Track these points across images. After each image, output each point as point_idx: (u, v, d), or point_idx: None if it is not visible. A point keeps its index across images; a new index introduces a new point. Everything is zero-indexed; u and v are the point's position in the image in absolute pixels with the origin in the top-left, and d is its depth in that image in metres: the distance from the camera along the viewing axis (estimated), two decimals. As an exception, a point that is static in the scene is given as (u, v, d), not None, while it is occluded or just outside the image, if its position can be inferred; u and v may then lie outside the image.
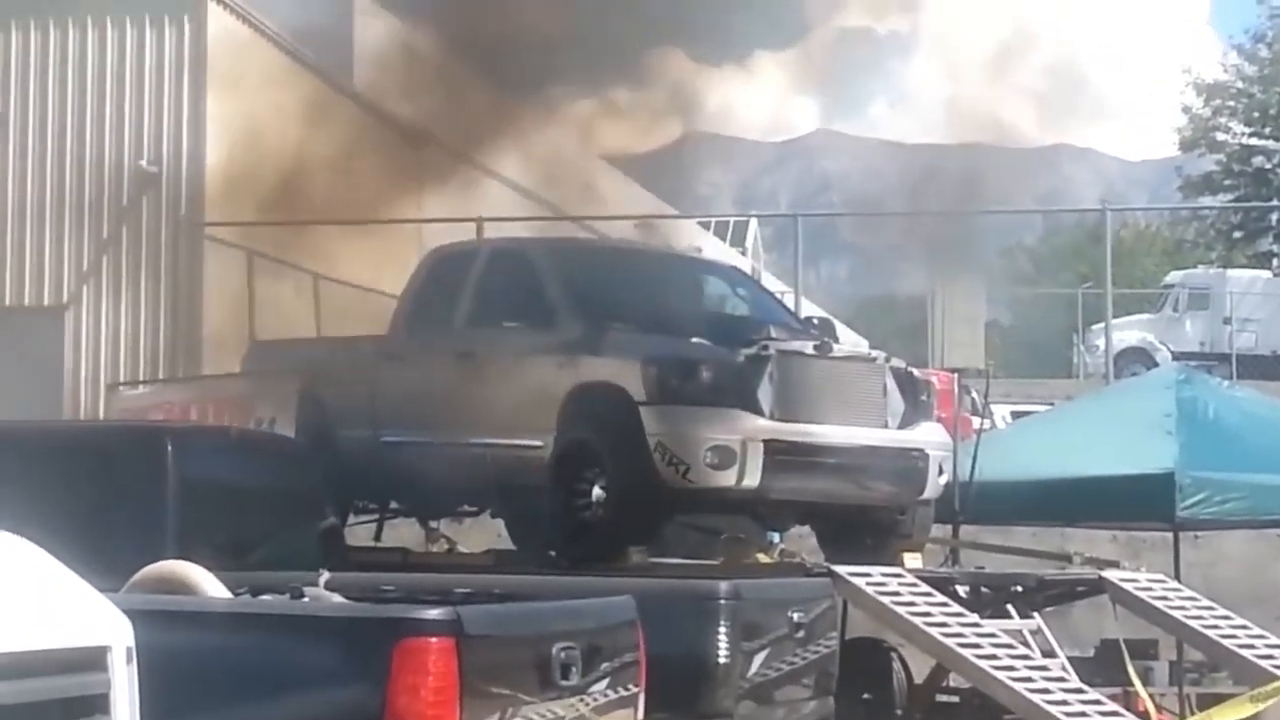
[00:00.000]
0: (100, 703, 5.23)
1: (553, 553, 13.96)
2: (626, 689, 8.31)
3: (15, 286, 24.92)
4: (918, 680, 14.69)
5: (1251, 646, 13.60)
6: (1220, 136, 59.60)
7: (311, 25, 30.29)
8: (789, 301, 21.73)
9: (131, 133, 24.88)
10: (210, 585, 8.16)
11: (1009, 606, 13.98)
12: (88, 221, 24.80)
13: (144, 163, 24.69)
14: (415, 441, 14.61)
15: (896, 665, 14.53)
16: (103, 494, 10.58)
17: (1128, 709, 12.63)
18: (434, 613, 7.12)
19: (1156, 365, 34.26)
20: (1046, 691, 11.84)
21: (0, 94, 25.10)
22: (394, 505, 16.18)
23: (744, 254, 53.92)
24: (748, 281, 17.69)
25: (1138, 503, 15.23)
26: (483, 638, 7.11)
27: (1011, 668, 12.04)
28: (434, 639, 6.93)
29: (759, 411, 12.92)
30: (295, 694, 7.06)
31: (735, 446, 12.74)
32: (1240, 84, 59.75)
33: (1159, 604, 14.09)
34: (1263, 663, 13.32)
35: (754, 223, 60.23)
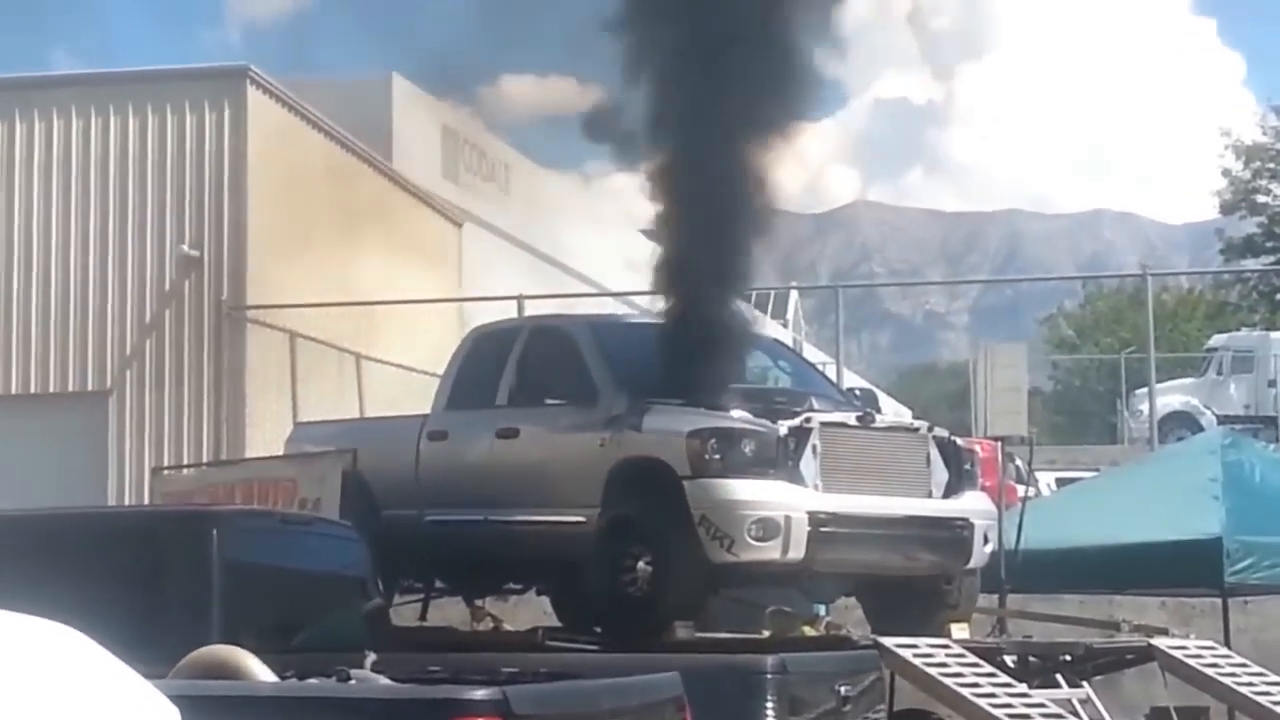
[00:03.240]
0: (150, 789, 5.23)
1: (598, 629, 13.94)
2: (675, 766, 8.27)
3: (59, 372, 25.06)
4: (968, 751, 14.59)
5: (1304, 712, 13.48)
6: (1260, 199, 59.52)
7: (351, 109, 30.54)
8: (831, 373, 21.72)
9: (173, 217, 25.04)
10: (256, 669, 8.16)
11: (1057, 676, 13.90)
12: (130, 306, 24.95)
13: (186, 247, 24.84)
14: (459, 519, 14.63)
15: (946, 737, 14.45)
16: (148, 579, 10.60)
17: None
18: (481, 693, 7.11)
19: (1201, 429, 34.06)
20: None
21: (43, 179, 25.29)
22: (439, 584, 16.19)
23: (785, 326, 53.96)
24: (789, 354, 17.71)
25: (1185, 569, 15.15)
26: (530, 717, 7.10)
27: (1062, 737, 11.96)
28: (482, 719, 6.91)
29: (803, 484, 12.92)
30: (343, 777, 7.06)
31: (779, 519, 12.73)
32: (1279, 146, 59.68)
33: (1209, 671, 13.99)
34: (1315, 728, 13.20)
35: (794, 294, 60.33)
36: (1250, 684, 13.88)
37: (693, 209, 13.77)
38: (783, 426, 13.03)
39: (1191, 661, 14.11)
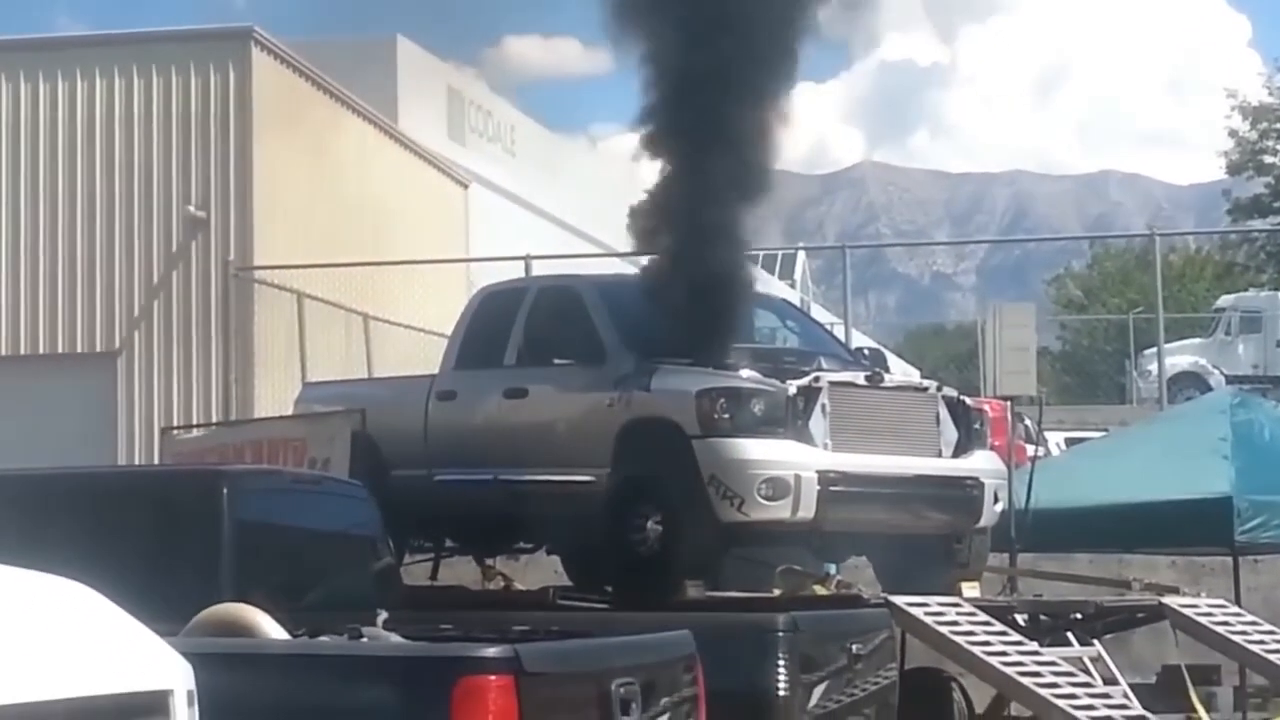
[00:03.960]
0: (163, 746, 5.23)
1: (609, 588, 13.95)
2: (686, 724, 8.27)
3: (68, 333, 25.05)
4: (978, 710, 14.62)
5: (1314, 670, 13.49)
6: (1268, 159, 59.42)
7: (356, 70, 30.50)
8: (839, 333, 21.69)
9: (179, 178, 25.01)
10: (268, 627, 8.16)
11: (1068, 634, 13.91)
12: (138, 267, 24.94)
13: (192, 207, 24.82)
14: (469, 479, 14.64)
15: (956, 695, 14.47)
16: (159, 538, 10.59)
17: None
18: (492, 651, 7.10)
19: (1210, 389, 34.05)
20: (1109, 719, 11.77)
21: (49, 140, 25.26)
22: (449, 543, 16.21)
23: (792, 286, 53.94)
24: (797, 314, 17.69)
25: (1196, 527, 15.16)
26: (542, 675, 7.09)
27: (1073, 696, 11.97)
28: (493, 677, 6.90)
29: (812, 443, 12.92)
30: (356, 734, 7.05)
31: (789, 478, 12.73)
32: (1286, 106, 59.58)
33: (1220, 629, 14.00)
34: (1326, 686, 13.21)
35: (802, 255, 60.31)
36: (1261, 642, 13.89)
37: (695, 167, 13.72)
38: (791, 386, 13.02)
39: (1202, 620, 14.11)
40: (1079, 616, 14.14)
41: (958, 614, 12.71)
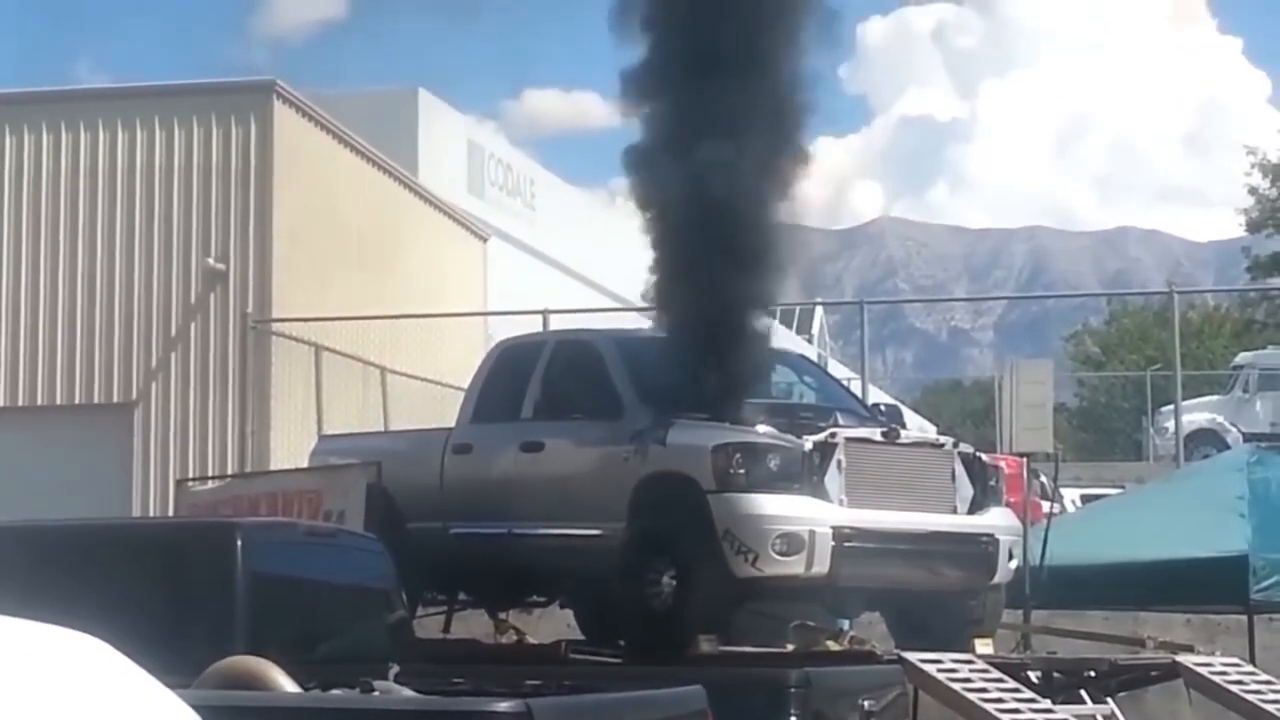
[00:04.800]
0: (173, 799, 5.23)
1: (622, 642, 13.94)
2: (698, 779, 8.26)
3: (85, 384, 25.12)
4: (992, 767, 14.54)
5: (1329, 730, 13.42)
6: (1287, 217, 59.43)
7: (377, 123, 30.64)
8: (856, 388, 21.70)
9: (199, 230, 25.11)
10: (281, 680, 8.17)
11: (1082, 692, 13.88)
12: (156, 318, 25.01)
13: (212, 260, 24.91)
14: (484, 532, 14.65)
15: (970, 753, 14.40)
16: (172, 590, 10.61)
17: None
18: (505, 705, 7.10)
19: (1227, 447, 33.97)
20: (1122, 778, 11.73)
21: (70, 191, 25.37)
22: (463, 596, 16.21)
23: (810, 342, 53.93)
24: (814, 369, 17.70)
25: (1211, 586, 15.11)
26: (554, 729, 7.09)
27: (1086, 754, 11.92)
28: (505, 731, 6.91)
29: (827, 499, 12.92)
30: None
31: (804, 534, 12.73)
32: (1306, 164, 59.63)
33: (1234, 688, 13.94)
34: (1341, 746, 13.14)
35: (819, 310, 60.30)
36: (1276, 701, 13.81)
37: (713, 225, 13.72)
38: (808, 442, 13.03)
39: (1217, 678, 14.06)
40: (1093, 674, 14.10)
41: (971, 671, 12.67)
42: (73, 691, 5.07)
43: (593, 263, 40.47)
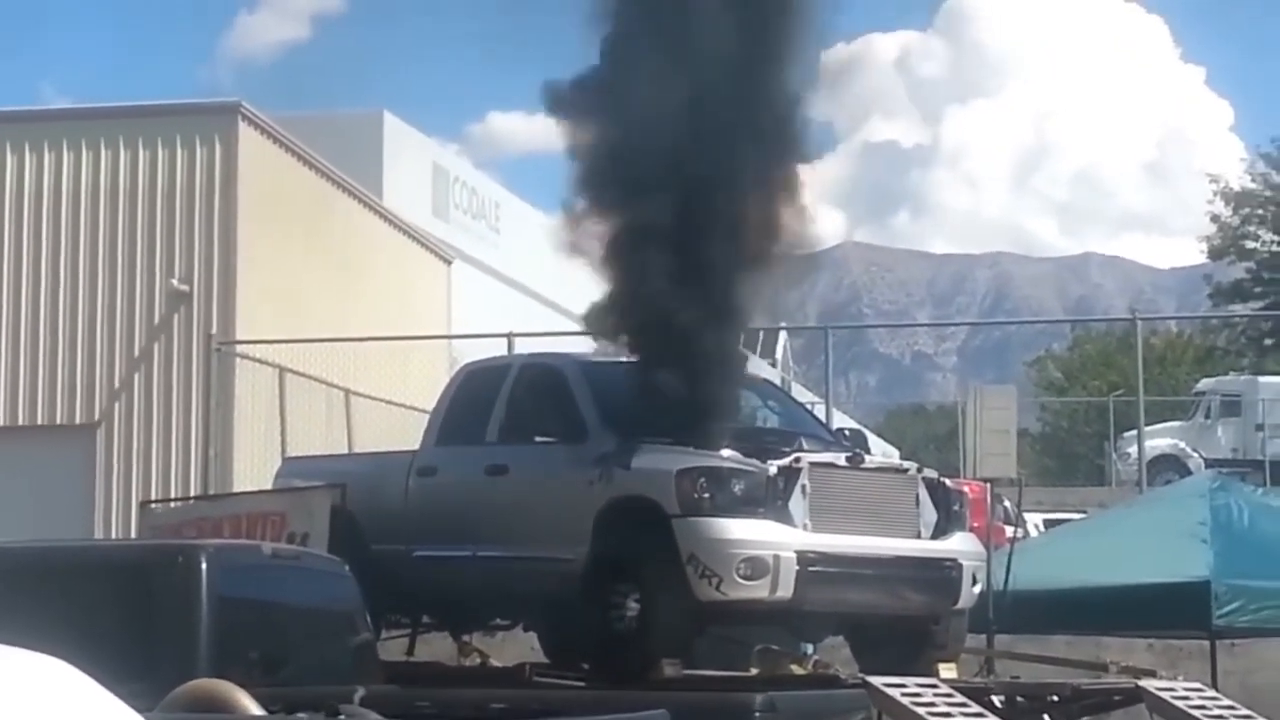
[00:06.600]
0: (138, 822, 5.22)
1: (586, 666, 13.93)
2: (662, 804, 8.27)
3: (48, 405, 25.06)
4: (954, 792, 14.56)
5: (1291, 755, 13.47)
6: (1249, 244, 59.73)
7: (342, 145, 30.63)
8: (820, 413, 21.73)
9: (163, 251, 25.07)
10: (245, 703, 8.16)
11: (1045, 717, 13.89)
12: (120, 340, 24.97)
13: (175, 281, 24.87)
14: (447, 555, 14.62)
15: (933, 777, 14.41)
16: (136, 613, 10.58)
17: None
18: (469, 728, 7.11)
19: (1189, 472, 34.13)
20: (1085, 803, 11.75)
21: (34, 212, 25.32)
22: (426, 619, 16.18)
23: (774, 366, 54.00)
24: (779, 393, 17.72)
25: (1173, 611, 15.15)
26: (518, 753, 7.10)
27: (1049, 779, 11.94)
28: (469, 755, 6.91)
29: (791, 523, 12.92)
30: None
31: (768, 558, 12.73)
32: (1268, 192, 59.93)
33: (1196, 713, 13.96)
34: (1303, 772, 13.19)
35: (783, 334, 60.35)
36: (1237, 727, 13.86)
37: (683, 247, 13.73)
38: (772, 466, 13.04)
39: (1179, 704, 14.08)
40: (1056, 699, 14.11)
41: (934, 695, 12.68)
42: (37, 714, 5.06)
43: (557, 286, 40.47)
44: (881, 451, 26.28)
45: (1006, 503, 21.95)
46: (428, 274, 32.83)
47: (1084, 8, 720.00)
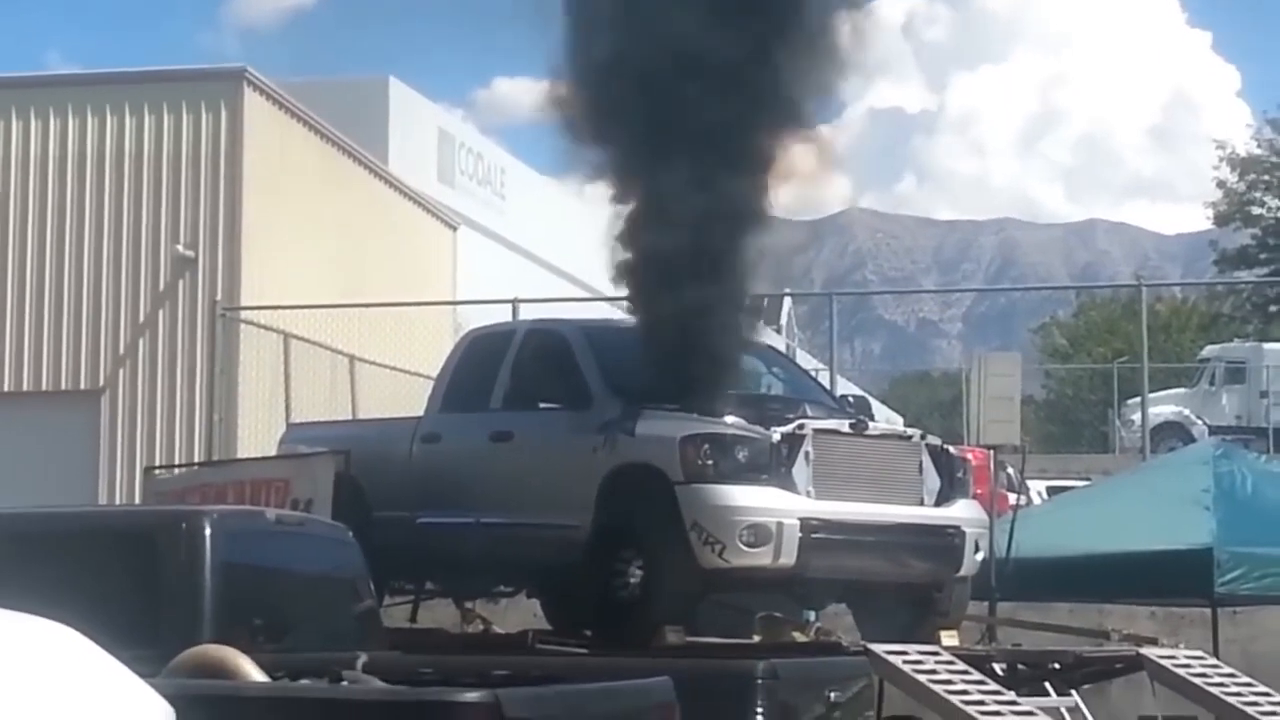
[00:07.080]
0: (141, 787, 5.26)
1: (589, 633, 13.96)
2: (664, 769, 8.29)
3: (52, 370, 25.07)
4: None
5: (1292, 723, 13.49)
6: (1255, 210, 59.64)
7: (347, 111, 30.59)
8: (824, 379, 21.73)
9: (168, 217, 25.06)
10: (249, 669, 8.18)
11: (1046, 684, 13.93)
12: (125, 305, 24.97)
13: (180, 247, 24.87)
14: (451, 522, 14.64)
15: (934, 744, 14.46)
16: (140, 579, 10.59)
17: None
18: (472, 695, 7.13)
19: (1193, 439, 34.13)
20: (1086, 770, 11.78)
21: (39, 178, 25.31)
22: (430, 586, 16.21)
23: (778, 332, 53.95)
24: (783, 360, 17.73)
25: (1176, 579, 15.16)
26: (521, 720, 7.12)
27: (1051, 746, 11.96)
28: (472, 721, 6.93)
29: (795, 490, 12.94)
30: (334, 777, 7.07)
31: (771, 525, 12.75)
32: (1275, 158, 59.82)
33: (1198, 680, 14.01)
34: (1304, 739, 13.22)
35: (787, 301, 60.28)
36: (1239, 694, 13.88)
37: (687, 211, 13.71)
38: (776, 433, 13.05)
39: (1180, 671, 14.12)
40: (1057, 666, 14.15)
41: (936, 663, 12.72)
42: (43, 678, 5.09)
43: (563, 252, 40.46)
44: (885, 418, 26.28)
45: (1010, 470, 21.94)
46: (433, 240, 32.81)
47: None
